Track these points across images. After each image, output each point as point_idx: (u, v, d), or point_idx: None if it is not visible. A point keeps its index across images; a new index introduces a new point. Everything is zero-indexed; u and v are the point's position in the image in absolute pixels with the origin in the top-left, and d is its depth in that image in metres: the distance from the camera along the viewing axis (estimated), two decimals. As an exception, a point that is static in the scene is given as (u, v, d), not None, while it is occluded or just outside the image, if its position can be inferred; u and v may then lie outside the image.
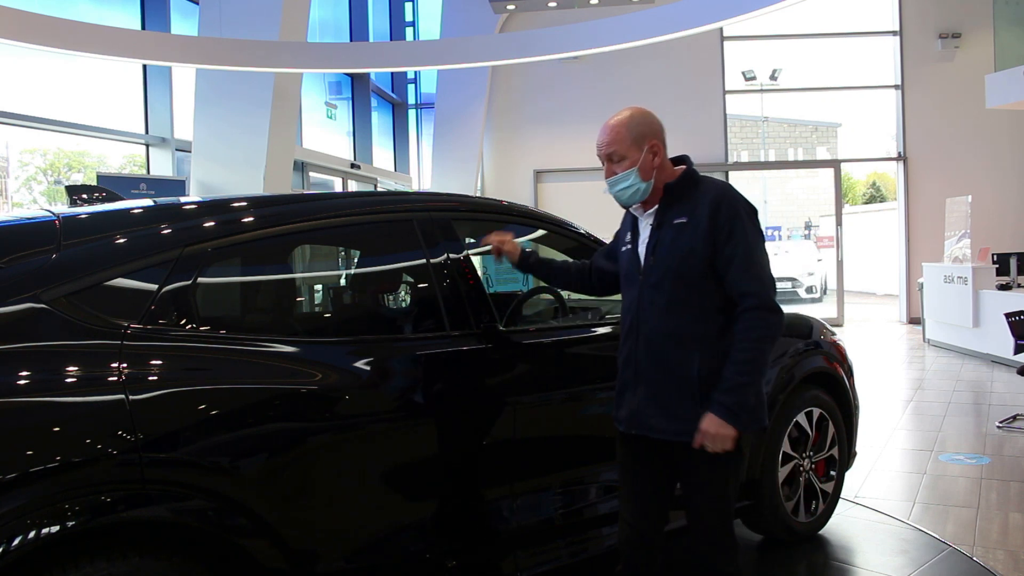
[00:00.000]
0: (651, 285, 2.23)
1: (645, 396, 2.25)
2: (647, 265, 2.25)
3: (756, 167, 22.07)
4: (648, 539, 2.33)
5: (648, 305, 2.24)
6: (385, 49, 10.86)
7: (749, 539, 3.64)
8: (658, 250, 2.23)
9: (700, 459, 2.18)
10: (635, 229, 2.35)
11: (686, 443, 2.18)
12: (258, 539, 2.02)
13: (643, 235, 2.31)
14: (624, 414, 2.31)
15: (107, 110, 8.41)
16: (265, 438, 2.09)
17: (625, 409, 2.31)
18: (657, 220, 2.26)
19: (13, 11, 6.43)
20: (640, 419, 2.26)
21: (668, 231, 2.23)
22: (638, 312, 2.26)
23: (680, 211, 2.22)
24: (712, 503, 2.24)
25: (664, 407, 2.22)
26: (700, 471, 2.22)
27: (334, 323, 3.04)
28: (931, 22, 12.39)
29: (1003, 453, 5.06)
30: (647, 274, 2.25)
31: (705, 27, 8.31)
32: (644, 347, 2.25)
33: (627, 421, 2.30)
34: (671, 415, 2.20)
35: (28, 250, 1.99)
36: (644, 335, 2.25)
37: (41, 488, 1.73)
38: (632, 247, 2.33)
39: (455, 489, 2.50)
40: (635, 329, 2.27)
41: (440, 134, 13.66)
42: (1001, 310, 7.11)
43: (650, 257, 2.25)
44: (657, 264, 2.23)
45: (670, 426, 2.21)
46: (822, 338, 3.71)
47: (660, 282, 2.22)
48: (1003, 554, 3.48)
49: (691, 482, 2.26)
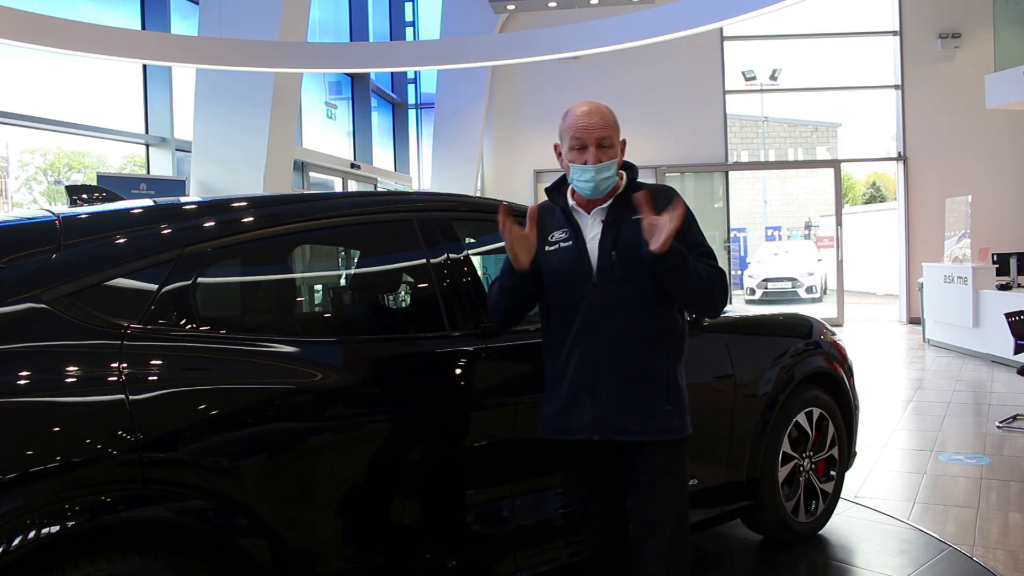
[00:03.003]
0: (614, 280, 2.16)
1: (609, 398, 2.17)
2: (606, 260, 2.17)
3: (756, 167, 22.08)
4: (618, 547, 2.31)
5: (610, 301, 2.16)
6: (385, 49, 10.86)
7: (749, 539, 3.64)
8: (621, 245, 2.16)
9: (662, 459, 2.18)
10: (573, 226, 2.24)
11: (653, 443, 2.16)
12: (258, 539, 2.02)
13: (591, 232, 2.22)
14: (585, 420, 2.19)
15: (107, 110, 8.41)
16: (265, 438, 2.09)
17: (584, 415, 2.19)
18: (612, 216, 2.20)
19: (13, 11, 6.42)
20: (607, 423, 2.17)
21: (628, 227, 2.17)
22: (594, 311, 2.17)
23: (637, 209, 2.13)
24: (670, 509, 2.18)
25: (632, 408, 2.16)
26: (661, 474, 2.18)
27: (334, 323, 3.04)
28: (931, 22, 12.39)
29: (1003, 453, 5.06)
30: (607, 270, 2.17)
31: (705, 27, 8.30)
32: (605, 347, 2.16)
33: (590, 427, 2.19)
34: (641, 415, 2.16)
35: (28, 250, 1.99)
36: (606, 334, 2.16)
37: (41, 488, 1.73)
38: (574, 244, 2.22)
39: (455, 489, 2.50)
40: (589, 329, 2.17)
41: (440, 134, 13.66)
42: (1001, 310, 7.11)
43: (611, 252, 2.17)
44: (623, 259, 2.15)
45: (639, 426, 2.17)
46: (822, 338, 3.71)
47: (627, 276, 2.15)
48: (1003, 554, 3.48)
49: (649, 486, 2.19)
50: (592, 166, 2.15)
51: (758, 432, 3.28)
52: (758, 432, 3.28)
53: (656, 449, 2.18)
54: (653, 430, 2.17)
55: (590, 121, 2.16)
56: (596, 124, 2.16)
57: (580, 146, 2.16)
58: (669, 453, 2.20)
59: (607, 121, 2.18)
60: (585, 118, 2.17)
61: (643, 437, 2.17)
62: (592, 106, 2.19)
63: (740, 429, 3.22)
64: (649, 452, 2.18)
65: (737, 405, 3.20)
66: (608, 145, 2.17)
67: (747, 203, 25.47)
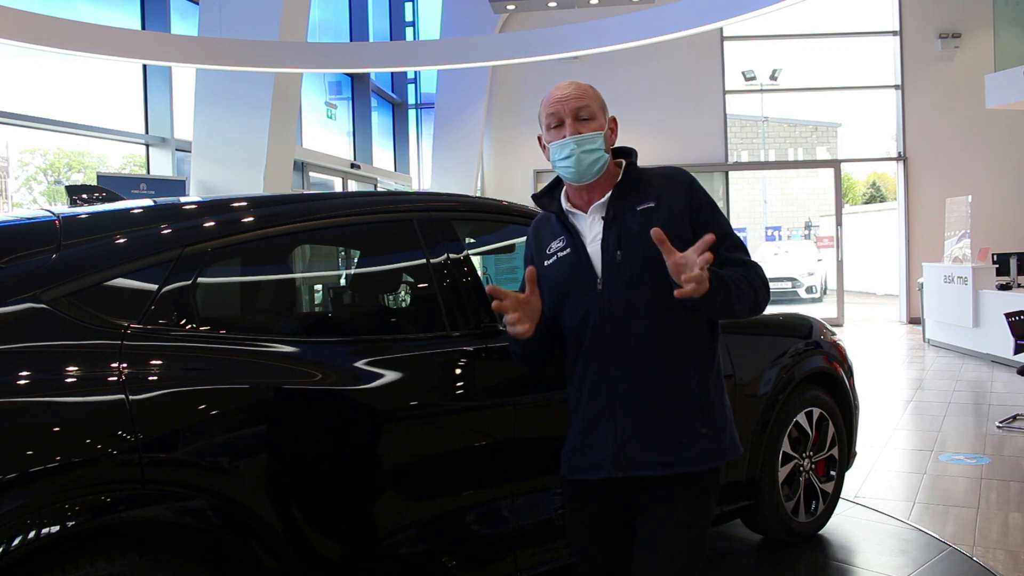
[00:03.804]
0: (622, 285, 1.87)
1: (630, 427, 1.85)
2: (611, 263, 1.88)
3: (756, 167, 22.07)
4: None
5: (620, 310, 1.86)
6: (385, 49, 10.87)
7: (749, 539, 3.64)
8: (626, 241, 1.88)
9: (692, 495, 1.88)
10: (570, 231, 1.97)
11: (681, 476, 1.85)
12: (258, 539, 2.02)
13: (591, 234, 1.94)
14: (604, 455, 1.87)
15: (107, 110, 8.42)
16: (265, 438, 2.09)
17: (605, 449, 1.87)
18: (613, 211, 1.92)
19: (13, 11, 6.43)
20: (631, 456, 1.85)
21: (633, 219, 1.89)
22: (603, 323, 1.87)
23: (642, 197, 1.92)
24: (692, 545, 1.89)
25: (660, 435, 1.85)
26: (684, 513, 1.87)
27: (334, 323, 3.03)
28: (931, 22, 12.39)
29: (1003, 453, 5.06)
30: (613, 273, 1.88)
31: (705, 27, 8.31)
32: (620, 364, 1.86)
33: (612, 464, 1.86)
34: (670, 443, 1.85)
35: (28, 250, 1.99)
36: (619, 349, 1.86)
37: (41, 488, 1.73)
38: (573, 251, 1.94)
39: (455, 488, 2.50)
40: (600, 345, 1.87)
41: (440, 134, 13.67)
42: (1001, 310, 7.11)
43: (615, 252, 1.88)
44: (629, 257, 1.86)
45: (671, 456, 1.84)
46: (822, 338, 3.71)
47: (635, 278, 1.86)
48: (1003, 554, 3.48)
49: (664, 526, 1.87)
50: (570, 137, 1.88)
51: (758, 432, 3.28)
52: (758, 432, 3.28)
53: (685, 483, 1.87)
54: (688, 460, 1.85)
55: (563, 92, 1.93)
56: (570, 95, 1.91)
57: (556, 123, 1.92)
58: (701, 486, 1.89)
59: (583, 91, 1.93)
60: (558, 90, 1.94)
61: (676, 469, 1.85)
62: (570, 81, 1.98)
63: (740, 429, 3.21)
64: (676, 487, 1.87)
65: (737, 405, 3.20)
66: (588, 117, 1.91)
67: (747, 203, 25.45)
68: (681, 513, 1.88)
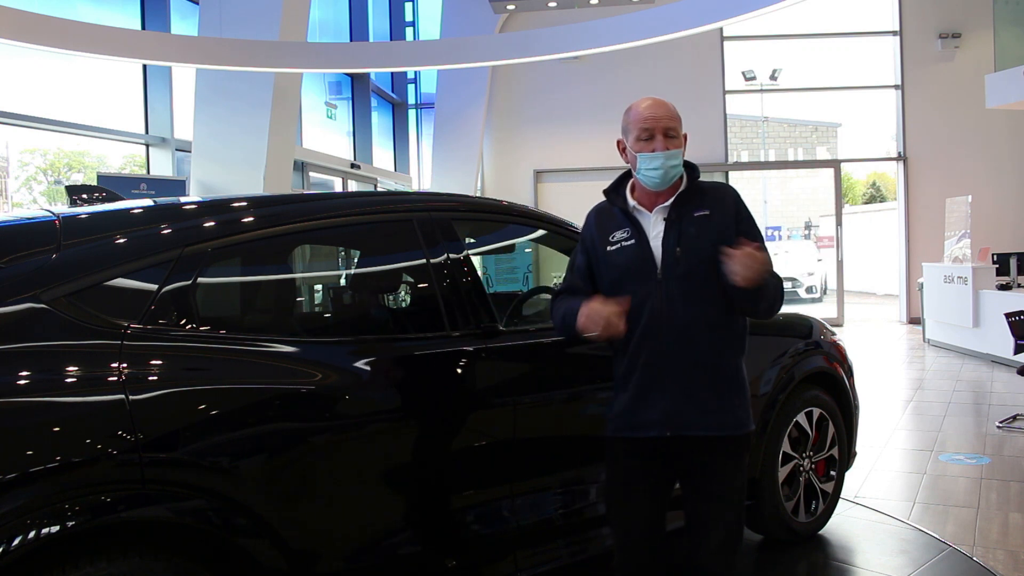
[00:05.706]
0: (679, 277, 2.20)
1: (679, 393, 2.20)
2: (671, 257, 2.21)
3: (756, 167, 22.06)
4: (654, 546, 2.29)
5: (677, 297, 2.20)
6: (385, 49, 10.86)
7: (749, 539, 3.64)
8: (684, 240, 2.22)
9: (729, 455, 2.22)
10: (635, 225, 2.29)
11: (723, 439, 2.20)
12: (258, 539, 2.02)
13: (654, 230, 2.26)
14: (655, 417, 2.21)
15: (107, 110, 8.41)
16: (265, 438, 2.09)
17: (654, 411, 2.21)
18: (675, 214, 2.25)
19: (13, 11, 6.43)
20: (679, 418, 2.19)
21: (691, 224, 2.23)
22: (660, 306, 2.20)
23: (699, 205, 2.25)
24: (731, 505, 2.24)
25: (703, 402, 2.20)
26: (725, 469, 2.22)
27: (334, 323, 3.04)
28: (931, 22, 12.39)
29: (1003, 453, 5.06)
30: (672, 266, 2.21)
31: (705, 27, 8.31)
32: (674, 341, 2.19)
33: (661, 424, 2.20)
34: (712, 410, 2.20)
35: (28, 250, 1.99)
36: (674, 328, 2.19)
37: (41, 488, 1.73)
38: (637, 243, 2.26)
39: (455, 489, 2.50)
40: (655, 326, 2.20)
41: (440, 134, 13.66)
42: (1001, 310, 7.11)
43: (675, 249, 2.21)
44: (687, 255, 2.20)
45: (712, 420, 2.20)
46: (822, 338, 3.71)
47: (691, 272, 2.20)
48: (1003, 554, 3.48)
49: (710, 482, 2.23)
50: (661, 152, 2.20)
51: (758, 432, 3.27)
52: (758, 432, 3.27)
53: (725, 445, 2.22)
54: (726, 424, 2.21)
55: (657, 112, 2.23)
56: (663, 114, 2.23)
57: (648, 136, 2.22)
58: (736, 448, 2.24)
59: (672, 112, 2.25)
60: (651, 109, 2.24)
61: (716, 432, 2.20)
62: (656, 99, 2.28)
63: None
64: (717, 448, 2.21)
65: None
66: (674, 135, 2.23)
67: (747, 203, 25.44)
68: (724, 467, 2.23)
